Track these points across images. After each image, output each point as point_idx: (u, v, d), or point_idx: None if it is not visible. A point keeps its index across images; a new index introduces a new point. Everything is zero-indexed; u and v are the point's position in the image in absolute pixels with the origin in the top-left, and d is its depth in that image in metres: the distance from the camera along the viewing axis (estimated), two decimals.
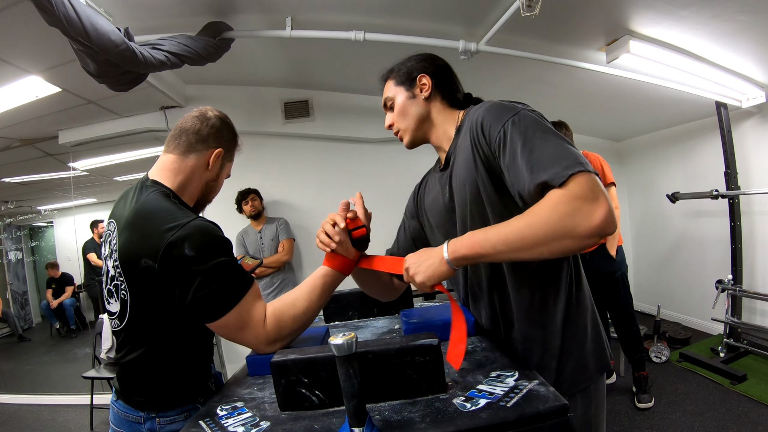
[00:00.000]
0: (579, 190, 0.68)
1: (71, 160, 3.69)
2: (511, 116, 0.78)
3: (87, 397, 2.93)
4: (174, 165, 0.96)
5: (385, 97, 1.03)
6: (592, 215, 0.67)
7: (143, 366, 0.89)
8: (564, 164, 0.70)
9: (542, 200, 0.70)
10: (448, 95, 0.99)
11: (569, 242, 0.69)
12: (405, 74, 0.99)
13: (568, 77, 2.82)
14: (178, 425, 0.88)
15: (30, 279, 4.75)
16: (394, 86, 1.01)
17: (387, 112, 1.04)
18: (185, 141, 0.96)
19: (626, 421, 2.33)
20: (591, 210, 0.67)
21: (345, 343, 0.56)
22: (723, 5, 1.92)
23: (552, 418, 0.60)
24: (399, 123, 1.01)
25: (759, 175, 3.04)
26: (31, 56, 2.21)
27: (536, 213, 0.70)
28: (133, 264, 0.82)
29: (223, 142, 1.01)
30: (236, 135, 1.07)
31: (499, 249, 0.73)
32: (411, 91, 0.98)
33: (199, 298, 0.80)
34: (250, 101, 3.35)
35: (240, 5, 2.13)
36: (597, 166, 2.53)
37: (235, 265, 0.86)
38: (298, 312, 0.92)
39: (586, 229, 0.67)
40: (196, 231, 0.81)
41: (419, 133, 1.01)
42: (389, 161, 3.71)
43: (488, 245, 0.74)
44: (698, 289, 3.56)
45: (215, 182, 1.03)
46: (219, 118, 1.01)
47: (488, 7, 2.11)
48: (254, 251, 3.04)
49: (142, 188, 0.93)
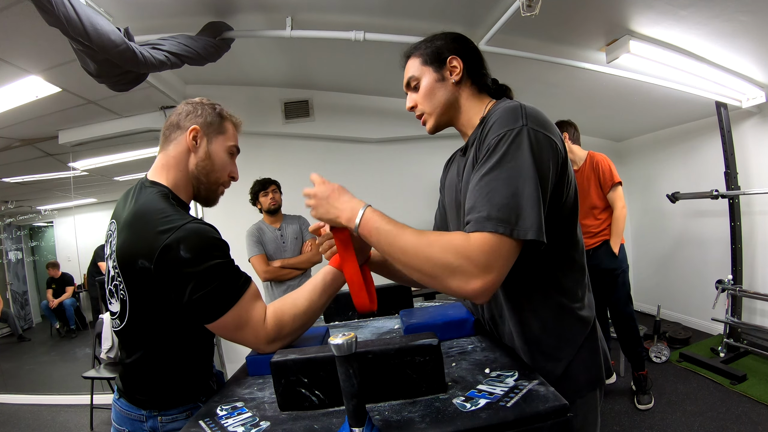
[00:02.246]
0: (475, 251, 0.68)
1: (71, 160, 3.69)
2: (509, 130, 0.74)
3: (87, 397, 2.93)
4: (162, 161, 0.97)
5: (408, 77, 0.94)
6: (469, 282, 0.68)
7: (145, 365, 0.89)
8: (492, 214, 0.69)
9: (450, 235, 0.72)
10: (478, 80, 0.92)
11: (436, 285, 0.71)
12: (434, 53, 0.91)
13: (568, 77, 2.82)
14: (179, 424, 0.88)
15: (30, 279, 4.75)
16: (421, 65, 0.92)
17: (409, 93, 0.96)
18: (165, 135, 0.98)
19: (626, 421, 2.33)
20: (471, 276, 0.67)
21: (345, 343, 0.56)
22: (723, 5, 1.92)
23: (552, 418, 0.60)
24: (424, 106, 0.93)
25: (759, 175, 3.04)
26: (31, 56, 2.21)
27: (433, 243, 0.71)
28: (130, 265, 0.83)
29: (198, 118, 0.97)
30: (218, 109, 1.01)
31: (384, 249, 0.76)
32: (440, 72, 0.90)
33: (196, 299, 0.80)
34: (250, 101, 3.35)
35: (240, 5, 2.13)
36: (605, 166, 2.54)
37: (232, 267, 0.86)
38: (298, 311, 0.91)
39: (456, 288, 0.69)
40: (192, 233, 0.81)
41: (444, 119, 0.94)
42: (389, 161, 3.71)
43: (380, 239, 0.76)
44: (698, 289, 3.56)
45: (208, 162, 0.98)
46: (190, 103, 0.99)
47: (488, 7, 2.11)
48: (274, 251, 2.66)
49: (141, 188, 0.93)
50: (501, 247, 0.68)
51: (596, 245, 2.60)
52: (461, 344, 0.92)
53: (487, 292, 0.69)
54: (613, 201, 2.56)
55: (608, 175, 2.53)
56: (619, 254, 2.54)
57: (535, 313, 0.85)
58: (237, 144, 1.05)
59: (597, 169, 2.56)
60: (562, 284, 0.85)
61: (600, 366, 0.88)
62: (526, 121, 0.75)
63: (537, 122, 0.76)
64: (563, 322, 0.85)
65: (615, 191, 2.55)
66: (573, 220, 0.85)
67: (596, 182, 2.58)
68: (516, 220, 0.69)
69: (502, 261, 0.68)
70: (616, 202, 2.54)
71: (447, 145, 2.07)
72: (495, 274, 0.68)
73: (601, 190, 2.58)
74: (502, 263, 0.68)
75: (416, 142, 3.72)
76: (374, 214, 0.78)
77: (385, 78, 3.14)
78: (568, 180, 0.81)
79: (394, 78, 3.72)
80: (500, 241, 0.68)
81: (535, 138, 0.74)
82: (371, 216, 0.78)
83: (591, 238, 2.61)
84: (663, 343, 3.08)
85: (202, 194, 1.01)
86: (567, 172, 0.81)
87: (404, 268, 0.74)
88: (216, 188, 1.02)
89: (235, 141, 1.04)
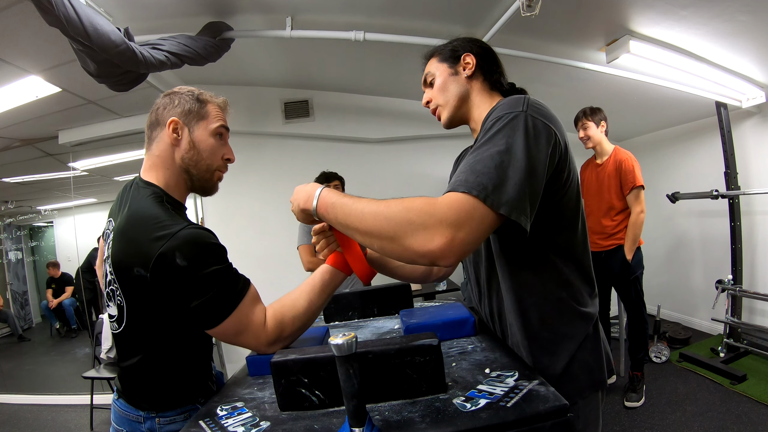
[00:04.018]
0: (442, 208, 0.63)
1: (71, 160, 3.69)
2: (507, 113, 0.74)
3: (87, 397, 2.93)
4: (148, 163, 0.95)
5: (426, 73, 1.00)
6: (433, 239, 0.62)
7: (143, 368, 0.89)
8: (470, 179, 0.66)
9: (413, 197, 0.67)
10: (491, 77, 0.97)
11: (396, 248, 0.66)
12: (450, 51, 0.97)
13: (568, 77, 2.82)
14: (177, 425, 0.88)
15: (30, 279, 4.75)
16: (438, 63, 0.98)
17: (426, 90, 1.01)
18: (147, 135, 0.96)
19: (626, 421, 2.33)
20: (435, 233, 0.62)
21: (345, 343, 0.55)
22: (723, 5, 1.92)
23: (552, 418, 0.60)
24: (438, 99, 0.98)
25: (759, 175, 3.04)
26: (31, 56, 2.21)
27: (393, 204, 0.67)
28: (126, 272, 0.82)
29: (176, 109, 0.93)
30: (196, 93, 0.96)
31: (342, 221, 0.73)
32: (454, 68, 0.96)
33: (195, 307, 0.80)
34: (250, 101, 3.35)
35: (240, 5, 2.13)
36: (629, 166, 2.41)
37: (230, 271, 0.84)
38: (298, 312, 0.91)
39: (418, 247, 0.63)
40: (187, 240, 0.79)
41: (458, 113, 0.97)
42: (389, 161, 3.71)
43: (337, 213, 0.74)
44: (698, 289, 3.57)
45: (194, 151, 0.94)
46: (167, 95, 0.96)
47: (488, 7, 2.11)
48: None
49: (136, 189, 0.92)
50: (472, 210, 0.64)
51: (611, 248, 2.51)
52: (461, 344, 0.92)
53: (453, 252, 0.62)
54: (631, 204, 2.44)
55: (630, 176, 2.40)
56: (634, 258, 2.45)
57: (534, 307, 0.85)
58: (224, 123, 0.98)
59: (620, 167, 2.44)
60: (563, 279, 0.85)
61: (602, 367, 0.88)
62: (526, 108, 0.74)
63: (538, 111, 0.75)
64: (562, 317, 0.85)
65: (635, 194, 2.41)
66: (575, 214, 0.84)
67: (617, 181, 2.46)
68: (492, 189, 0.65)
69: (473, 222, 0.63)
70: (635, 207, 2.42)
71: (447, 145, 2.08)
72: (463, 233, 0.62)
73: (621, 191, 2.47)
74: (472, 224, 0.63)
75: (416, 142, 3.72)
76: (331, 192, 0.78)
77: (385, 78, 3.14)
78: (569, 176, 0.80)
79: (394, 78, 3.73)
80: (472, 203, 0.64)
81: (532, 124, 0.72)
82: (327, 194, 0.78)
83: (606, 239, 2.53)
84: (663, 343, 3.08)
85: (196, 185, 0.98)
86: (567, 167, 0.79)
87: (363, 237, 0.70)
88: (210, 176, 0.98)
89: (222, 121, 0.98)
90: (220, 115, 0.98)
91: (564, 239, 0.84)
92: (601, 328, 0.92)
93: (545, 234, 0.81)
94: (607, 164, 2.53)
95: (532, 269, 0.84)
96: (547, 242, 0.82)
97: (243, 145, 3.47)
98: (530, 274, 0.85)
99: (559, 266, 0.84)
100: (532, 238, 0.74)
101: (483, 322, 1.03)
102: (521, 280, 0.85)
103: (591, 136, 2.53)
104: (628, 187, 2.43)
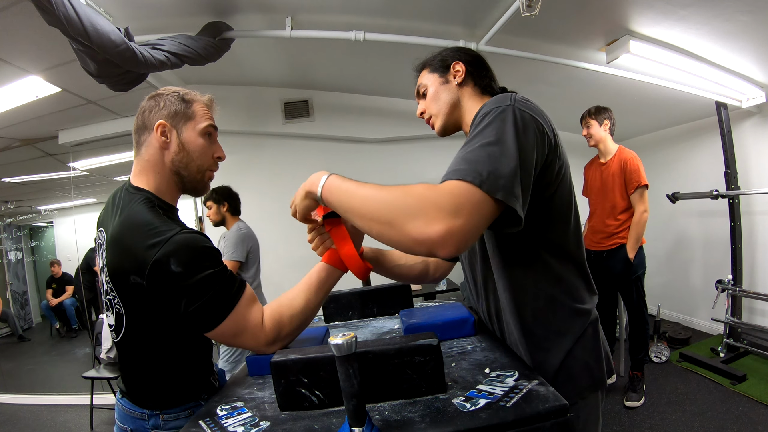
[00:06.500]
0: (440, 195, 0.63)
1: (71, 160, 3.69)
2: (495, 108, 0.75)
3: (87, 397, 2.93)
4: (138, 167, 0.94)
5: (418, 84, 1.03)
6: (431, 224, 0.61)
7: (145, 370, 0.90)
8: (462, 167, 0.66)
9: (414, 185, 0.67)
10: (481, 82, 0.98)
11: (394, 233, 0.65)
12: (440, 62, 1.00)
13: (568, 77, 2.82)
14: (181, 422, 0.89)
15: (30, 279, 4.76)
16: (429, 74, 1.01)
17: (419, 101, 1.04)
18: (135, 140, 0.95)
19: (626, 421, 2.33)
20: (434, 219, 0.61)
21: (345, 343, 0.55)
22: (723, 5, 1.92)
23: (552, 418, 0.60)
24: (431, 108, 1.00)
25: (759, 175, 3.04)
26: (31, 56, 2.21)
27: (394, 190, 0.67)
28: (122, 281, 0.82)
29: (162, 111, 0.92)
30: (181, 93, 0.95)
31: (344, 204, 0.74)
32: (445, 77, 0.98)
33: (192, 312, 0.80)
34: (250, 101, 3.36)
35: (240, 5, 2.13)
36: (633, 165, 2.41)
37: (225, 274, 0.84)
38: (296, 312, 0.91)
39: (416, 233, 0.62)
40: (181, 245, 0.79)
41: (451, 120, 0.99)
42: (389, 161, 3.71)
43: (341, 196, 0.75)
44: (698, 289, 3.57)
45: (183, 153, 0.93)
46: (152, 97, 0.94)
47: (488, 8, 2.11)
48: None
49: (126, 195, 0.91)
50: (470, 195, 0.63)
51: (613, 247, 2.51)
52: (461, 344, 0.92)
53: (452, 240, 0.61)
54: (635, 203, 2.43)
55: (635, 175, 2.40)
56: (636, 258, 2.45)
57: (529, 304, 0.85)
58: (212, 122, 0.97)
59: (625, 167, 2.43)
60: (556, 275, 0.85)
61: (602, 367, 0.88)
62: (513, 102, 0.75)
63: (525, 105, 0.76)
64: (556, 313, 0.85)
65: (639, 193, 2.41)
66: (567, 210, 0.84)
67: (621, 180, 2.46)
68: (487, 175, 0.65)
69: (472, 208, 0.63)
70: (638, 206, 2.42)
71: (447, 146, 2.08)
72: (462, 220, 0.62)
73: (625, 190, 2.48)
74: (471, 210, 0.63)
75: (416, 142, 3.72)
76: (338, 177, 0.79)
77: (385, 78, 3.14)
78: (561, 171, 0.80)
79: (393, 78, 3.73)
80: (469, 188, 0.64)
81: (521, 116, 0.73)
82: (334, 178, 0.79)
83: (607, 238, 2.53)
84: (663, 343, 3.08)
85: (187, 186, 0.97)
86: (558, 162, 0.79)
87: (363, 222, 0.70)
88: (201, 176, 0.97)
89: (209, 120, 0.96)
90: (207, 113, 0.97)
91: (556, 235, 0.84)
92: (600, 327, 0.92)
93: (537, 230, 0.81)
94: (611, 163, 2.53)
95: (525, 267, 0.85)
96: (539, 239, 0.83)
97: (243, 145, 3.47)
98: (523, 272, 0.85)
99: (552, 263, 0.84)
100: (525, 234, 0.74)
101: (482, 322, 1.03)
102: (515, 278, 0.86)
103: (593, 135, 2.54)
104: (632, 186, 2.43)
